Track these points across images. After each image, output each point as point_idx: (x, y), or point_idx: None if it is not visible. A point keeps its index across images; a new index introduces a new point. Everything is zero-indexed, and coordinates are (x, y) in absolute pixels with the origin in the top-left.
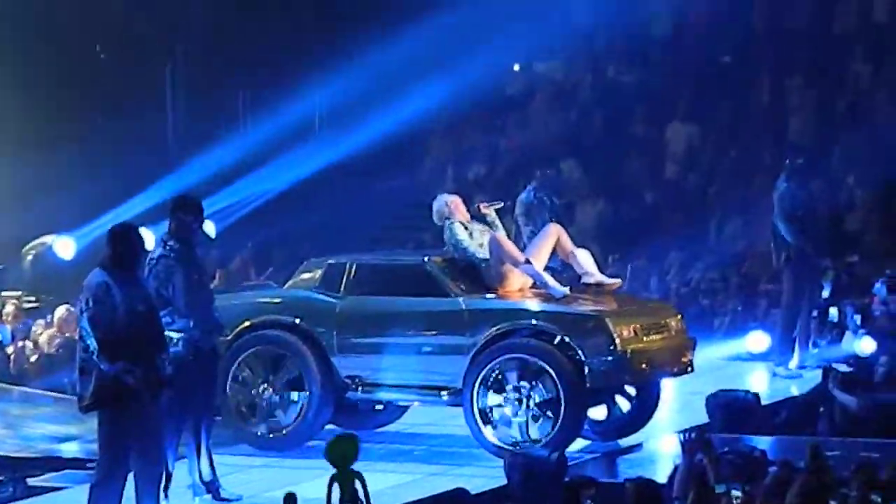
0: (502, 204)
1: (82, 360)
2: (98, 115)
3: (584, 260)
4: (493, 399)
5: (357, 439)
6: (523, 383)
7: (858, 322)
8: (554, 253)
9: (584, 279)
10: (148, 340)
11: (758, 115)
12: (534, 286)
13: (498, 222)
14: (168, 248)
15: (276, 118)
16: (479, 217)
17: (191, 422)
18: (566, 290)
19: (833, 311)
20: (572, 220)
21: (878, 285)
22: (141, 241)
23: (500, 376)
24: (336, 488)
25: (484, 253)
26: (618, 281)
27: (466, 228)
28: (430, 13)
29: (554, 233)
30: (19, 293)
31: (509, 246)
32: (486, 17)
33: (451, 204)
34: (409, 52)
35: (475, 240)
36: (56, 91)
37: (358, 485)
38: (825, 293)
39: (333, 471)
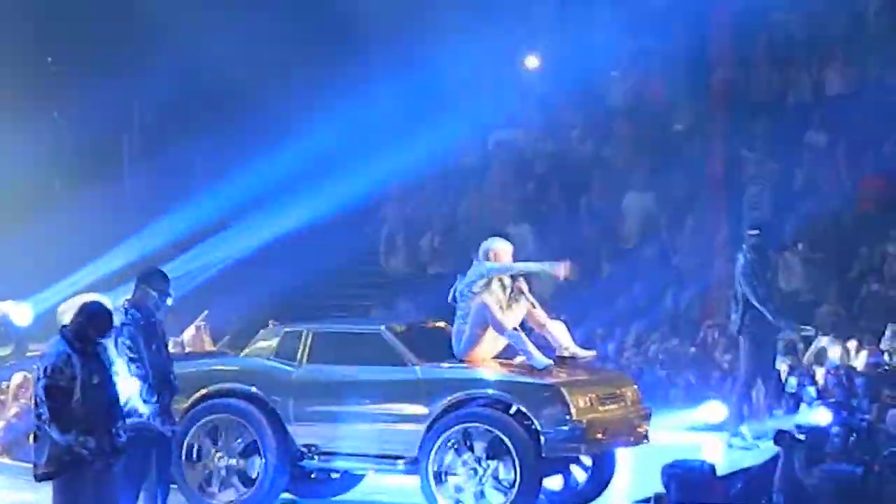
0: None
1: (36, 427)
2: (56, 183)
3: (559, 333)
4: (448, 468)
5: None
6: (479, 452)
7: (813, 393)
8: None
9: (559, 352)
10: (102, 411)
11: (714, 185)
12: (500, 356)
13: (526, 296)
14: (129, 316)
15: (233, 185)
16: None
17: (147, 489)
18: (549, 361)
19: (792, 381)
20: (530, 289)
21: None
22: (110, 322)
23: (455, 445)
24: None
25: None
26: (592, 353)
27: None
28: (389, 82)
29: (525, 303)
30: None
31: (498, 313)
32: (445, 85)
33: (496, 251)
34: (365, 120)
35: (494, 295)
36: (13, 159)
37: None
38: (780, 363)
39: None
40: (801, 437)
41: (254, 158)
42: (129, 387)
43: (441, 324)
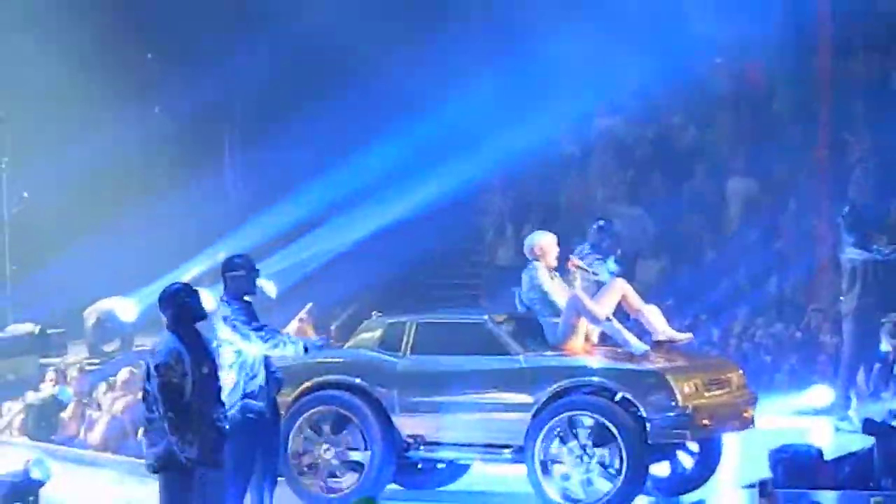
0: (590, 270)
1: (147, 421)
2: (159, 177)
3: (654, 317)
4: (554, 456)
5: (372, 500)
6: (585, 440)
7: None
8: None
9: (655, 337)
10: (211, 403)
11: (816, 169)
12: (601, 343)
13: (578, 282)
14: (226, 304)
15: (336, 175)
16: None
17: (255, 483)
18: (646, 347)
19: None
20: (633, 276)
21: None
22: (191, 297)
23: (561, 433)
24: None
25: (558, 301)
26: (689, 335)
27: (550, 276)
28: (487, 70)
29: (619, 288)
30: (81, 357)
31: (590, 303)
32: (547, 73)
33: (542, 245)
34: (467, 108)
35: (553, 289)
36: (116, 155)
37: None
38: (886, 345)
39: None
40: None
41: (356, 148)
42: (230, 377)
43: None
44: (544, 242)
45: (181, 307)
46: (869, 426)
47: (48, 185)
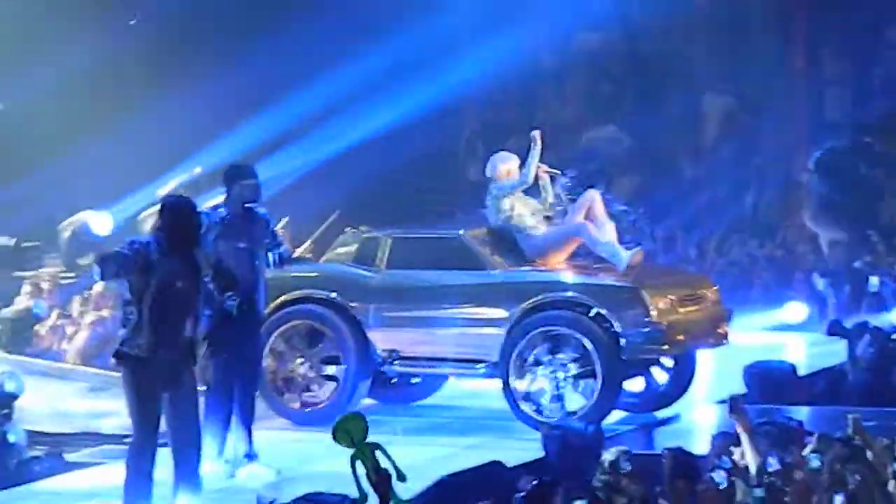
0: (559, 172)
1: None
2: (136, 91)
3: (609, 233)
4: (529, 371)
5: (361, 417)
6: (560, 356)
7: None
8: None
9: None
10: (175, 319)
11: (793, 86)
12: (573, 257)
13: (549, 188)
14: (219, 214)
15: (313, 89)
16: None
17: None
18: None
19: (873, 280)
20: (609, 192)
21: None
22: (192, 214)
23: (536, 349)
24: (359, 465)
25: (526, 222)
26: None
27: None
28: None
29: (590, 197)
30: (56, 270)
31: (596, 231)
32: None
33: (508, 169)
34: (445, 23)
35: (520, 210)
36: (91, 69)
37: (379, 454)
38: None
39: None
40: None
41: (332, 62)
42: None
43: None
44: (511, 165)
45: (174, 221)
46: (833, 328)
47: (23, 98)
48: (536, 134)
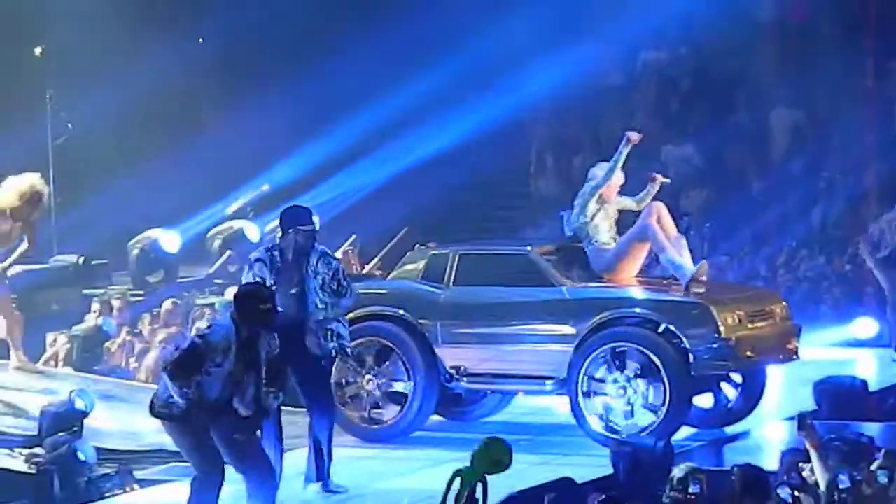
0: (669, 181)
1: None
2: (203, 107)
3: (678, 246)
4: (597, 388)
5: (508, 449)
6: (628, 372)
7: None
8: None
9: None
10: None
11: (862, 99)
12: (641, 273)
13: (650, 197)
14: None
15: (380, 105)
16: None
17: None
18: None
19: None
20: (677, 208)
21: None
22: (268, 312)
23: (604, 365)
24: (457, 483)
25: (600, 229)
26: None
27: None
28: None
29: (655, 211)
30: (125, 288)
31: (661, 233)
32: (591, 1)
33: (598, 169)
34: (514, 37)
35: (599, 217)
36: (159, 88)
37: (479, 488)
38: None
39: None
40: None
41: (401, 78)
42: None
43: None
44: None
45: (250, 313)
46: None
47: (93, 116)
48: (633, 134)
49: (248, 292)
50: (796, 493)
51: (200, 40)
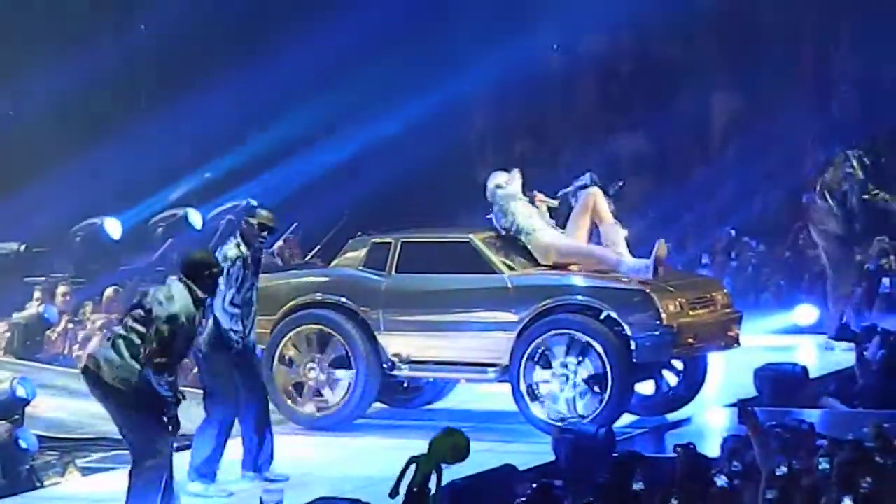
0: (556, 203)
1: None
2: (146, 97)
3: (619, 235)
4: (540, 375)
5: (467, 441)
6: (570, 359)
7: None
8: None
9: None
10: (186, 350)
11: (802, 86)
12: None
13: (547, 217)
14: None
15: (321, 95)
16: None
17: (244, 413)
18: (645, 262)
19: (885, 281)
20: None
21: None
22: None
23: (546, 352)
24: (412, 470)
25: (532, 223)
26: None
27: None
28: None
29: (592, 194)
30: (67, 275)
31: (603, 252)
32: None
33: (506, 180)
34: (452, 28)
35: (523, 213)
36: (100, 74)
37: (434, 477)
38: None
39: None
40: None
41: (341, 68)
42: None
43: None
44: (508, 176)
45: (207, 279)
46: (840, 332)
47: (33, 103)
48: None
49: (203, 257)
50: (735, 482)
51: (142, 27)
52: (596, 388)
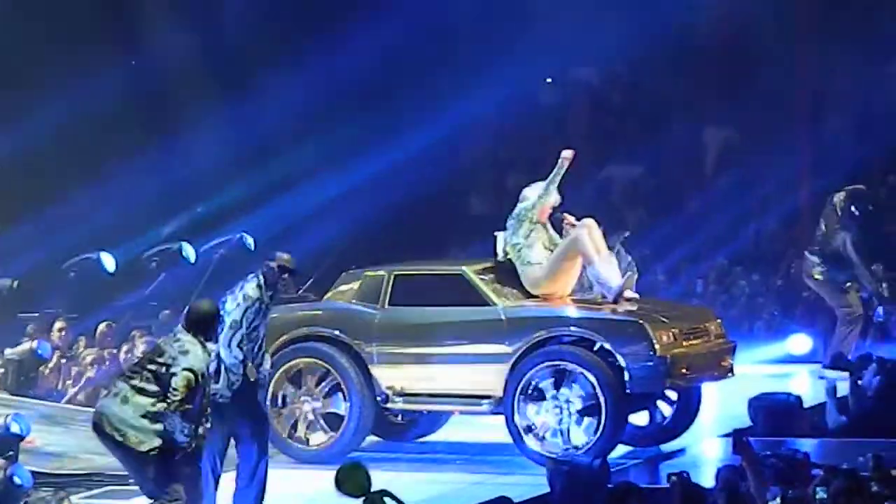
0: (574, 224)
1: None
2: (140, 133)
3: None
4: (534, 407)
5: (362, 465)
6: (564, 390)
7: None
8: None
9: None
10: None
11: (794, 117)
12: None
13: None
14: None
15: (313, 131)
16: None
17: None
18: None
19: (880, 310)
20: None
21: None
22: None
23: (540, 384)
24: None
25: (532, 253)
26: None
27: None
28: (464, 21)
29: (586, 226)
30: (61, 311)
31: (591, 245)
32: (523, 22)
33: (529, 190)
34: (443, 60)
35: (530, 239)
36: (94, 111)
37: (388, 501)
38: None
39: (376, 485)
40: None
41: (333, 103)
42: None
43: None
44: (540, 191)
45: (215, 327)
46: (835, 361)
47: (26, 139)
48: (567, 152)
49: (211, 309)
50: None
51: (132, 62)
52: (590, 420)
